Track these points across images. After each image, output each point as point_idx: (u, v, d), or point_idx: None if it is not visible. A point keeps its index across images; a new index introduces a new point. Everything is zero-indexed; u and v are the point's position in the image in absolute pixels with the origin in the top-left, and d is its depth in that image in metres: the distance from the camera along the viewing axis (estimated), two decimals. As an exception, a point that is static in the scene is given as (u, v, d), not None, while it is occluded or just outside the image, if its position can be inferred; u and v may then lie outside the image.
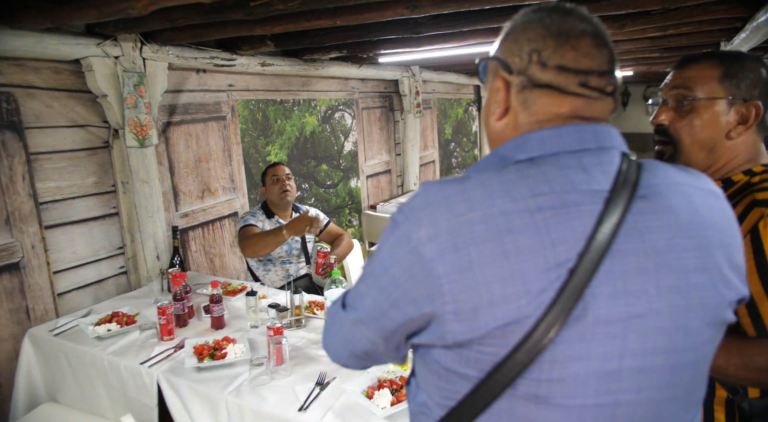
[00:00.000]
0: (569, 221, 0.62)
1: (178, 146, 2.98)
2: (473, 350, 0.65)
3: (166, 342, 2.01)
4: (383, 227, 3.17)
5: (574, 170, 0.65)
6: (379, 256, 0.71)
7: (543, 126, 0.70)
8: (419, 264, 0.65)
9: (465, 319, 0.63)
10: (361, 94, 4.70)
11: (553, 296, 0.60)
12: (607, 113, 0.72)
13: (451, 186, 0.67)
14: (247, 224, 2.71)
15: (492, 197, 0.64)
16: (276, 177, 2.74)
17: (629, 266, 0.63)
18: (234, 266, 3.36)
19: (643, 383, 0.64)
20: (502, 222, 0.62)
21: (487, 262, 0.62)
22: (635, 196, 0.65)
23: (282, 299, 2.38)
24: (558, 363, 0.62)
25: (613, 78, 0.70)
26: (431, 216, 0.65)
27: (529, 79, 0.71)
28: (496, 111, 0.74)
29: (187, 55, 2.76)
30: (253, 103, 3.49)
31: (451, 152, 6.73)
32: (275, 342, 1.77)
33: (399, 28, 2.62)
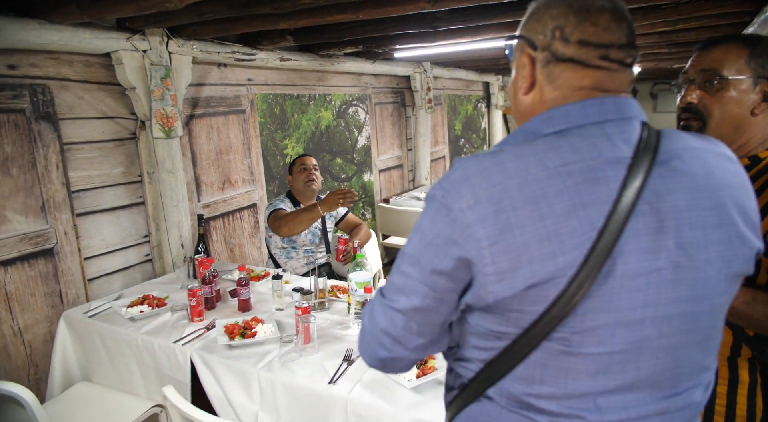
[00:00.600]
0: (597, 187, 0.69)
1: (201, 138, 3.07)
2: (512, 309, 0.71)
3: (197, 322, 2.10)
4: (397, 220, 3.27)
5: (599, 140, 0.72)
6: (420, 232, 0.76)
7: (567, 100, 0.77)
8: (460, 230, 0.71)
9: (505, 278, 0.69)
10: (374, 89, 4.78)
11: (585, 254, 0.67)
12: (626, 84, 0.77)
13: (487, 159, 0.73)
14: (277, 208, 2.78)
15: (526, 167, 0.70)
16: (303, 166, 2.83)
17: (651, 225, 0.69)
18: (252, 257, 3.45)
19: (663, 330, 0.71)
20: (536, 189, 0.69)
21: (524, 225, 0.68)
22: (655, 161, 0.71)
23: (305, 285, 2.47)
24: (589, 315, 0.69)
25: (632, 50, 0.76)
26: (471, 187, 0.71)
27: (552, 55, 0.77)
28: (522, 86, 0.81)
29: (210, 49, 2.85)
30: (271, 98, 3.57)
31: (460, 147, 6.80)
32: (304, 320, 1.85)
33: (416, 23, 2.69)
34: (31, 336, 2.32)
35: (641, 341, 0.71)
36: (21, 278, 2.27)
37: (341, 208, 3.05)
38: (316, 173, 2.85)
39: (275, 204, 2.81)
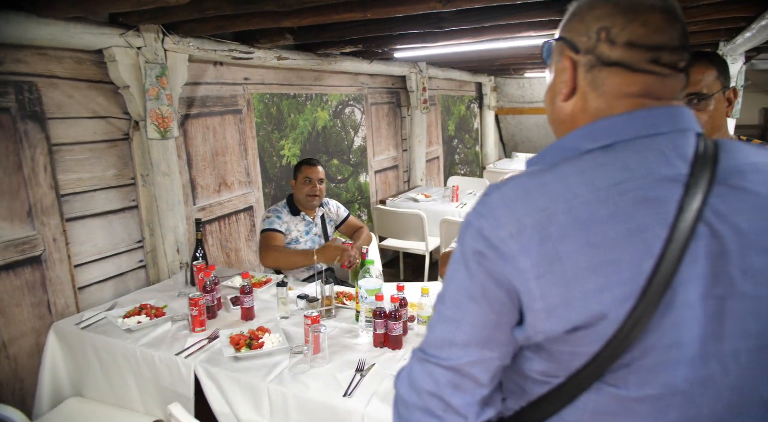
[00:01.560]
0: (652, 208, 0.61)
1: (196, 138, 2.96)
2: (564, 349, 0.64)
3: (199, 333, 2.00)
4: (394, 222, 3.20)
5: (650, 156, 0.64)
6: (458, 270, 0.68)
7: (613, 109, 0.69)
8: (503, 262, 0.63)
9: (556, 315, 0.62)
10: (370, 89, 4.70)
11: (642, 285, 0.60)
12: (677, 90, 0.70)
13: (527, 181, 0.66)
14: (271, 228, 2.70)
15: (572, 189, 0.63)
16: (308, 179, 2.73)
17: (713, 250, 0.62)
18: (249, 261, 3.35)
19: (729, 366, 0.63)
20: (585, 213, 0.62)
21: (575, 254, 0.61)
22: (715, 178, 0.64)
23: (309, 291, 2.38)
24: (648, 353, 0.62)
25: (684, 53, 0.69)
26: (512, 213, 0.64)
27: (597, 58, 0.69)
28: (562, 91, 0.74)
29: (206, 47, 2.74)
30: (268, 97, 3.47)
31: (454, 148, 6.75)
32: (314, 330, 1.77)
33: (422, 23, 2.62)
34: (16, 349, 2.19)
35: (704, 380, 0.63)
36: (5, 289, 2.14)
37: (341, 211, 2.98)
38: (320, 187, 2.76)
39: (271, 221, 2.71)
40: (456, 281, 0.68)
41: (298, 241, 2.78)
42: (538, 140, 8.00)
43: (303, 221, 2.80)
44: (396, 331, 1.84)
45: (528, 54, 4.39)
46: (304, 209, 2.81)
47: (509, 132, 8.14)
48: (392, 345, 1.86)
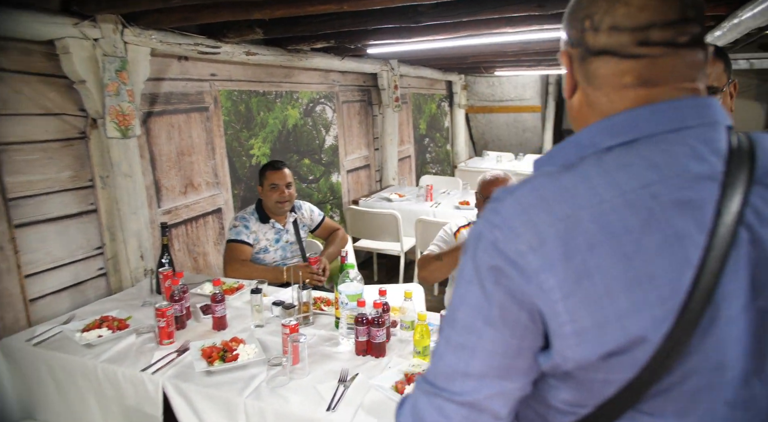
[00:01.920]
0: (689, 212, 0.54)
1: (160, 137, 2.79)
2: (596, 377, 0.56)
3: (167, 346, 1.86)
4: (367, 222, 3.09)
5: (680, 153, 0.57)
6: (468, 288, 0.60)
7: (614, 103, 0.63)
8: (523, 279, 0.55)
9: (588, 339, 0.54)
10: (341, 87, 4.59)
11: (682, 300, 0.53)
12: (684, 69, 0.61)
13: (544, 184, 0.58)
14: (238, 239, 2.57)
15: (597, 192, 0.55)
16: (274, 185, 2.60)
17: (754, 256, 0.55)
18: (218, 266, 3.19)
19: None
20: (615, 219, 0.54)
21: (606, 268, 0.53)
22: (754, 177, 0.57)
23: (284, 296, 2.26)
24: (688, 377, 0.55)
25: (688, 25, 0.60)
26: (529, 222, 0.56)
27: (585, 49, 0.64)
28: (566, 88, 0.69)
29: (170, 40, 2.58)
30: (236, 95, 3.32)
31: (425, 147, 6.70)
32: (293, 340, 1.66)
33: (398, 17, 2.53)
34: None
35: (747, 402, 0.57)
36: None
37: (316, 215, 2.87)
38: (289, 191, 2.63)
39: (238, 231, 2.57)
40: (468, 302, 0.59)
41: (267, 250, 2.65)
42: (507, 138, 8.04)
43: (272, 229, 2.67)
44: (379, 338, 1.75)
45: (500, 51, 4.36)
46: (274, 216, 2.68)
47: (479, 131, 8.16)
48: (375, 352, 1.77)
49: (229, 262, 2.53)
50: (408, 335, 1.89)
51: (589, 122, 0.65)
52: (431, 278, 2.30)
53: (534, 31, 2.90)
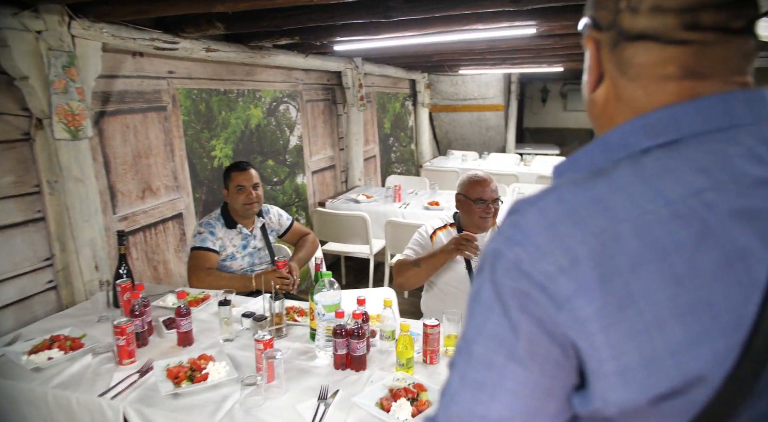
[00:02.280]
0: (750, 224, 0.46)
1: (114, 139, 2.60)
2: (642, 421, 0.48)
3: (127, 366, 1.71)
4: (335, 225, 2.98)
5: (733, 154, 0.49)
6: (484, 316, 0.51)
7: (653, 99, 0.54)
8: (554, 307, 0.47)
9: (636, 380, 0.46)
10: (305, 85, 4.46)
11: (748, 330, 0.45)
12: (739, 59, 0.54)
13: (573, 193, 0.50)
14: (203, 246, 2.42)
15: (637, 202, 0.48)
16: (241, 187, 2.46)
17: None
18: (180, 274, 3.02)
19: None
20: (662, 234, 0.46)
21: (654, 293, 0.45)
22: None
23: (254, 307, 2.13)
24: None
25: (744, 7, 0.52)
26: (557, 238, 0.48)
27: (619, 33, 0.55)
28: (589, 79, 0.60)
29: (123, 34, 2.40)
30: (196, 93, 3.15)
31: (390, 146, 6.63)
32: (268, 356, 1.54)
33: (369, 12, 2.44)
34: None
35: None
36: None
37: (284, 219, 2.75)
38: (257, 192, 2.50)
39: (203, 238, 2.43)
40: (487, 333, 0.50)
41: (234, 257, 2.51)
42: (471, 137, 8.08)
43: (239, 235, 2.53)
44: (360, 351, 1.66)
45: (467, 49, 4.33)
46: (241, 220, 2.54)
47: (443, 130, 8.15)
48: (355, 366, 1.67)
49: (194, 271, 2.39)
50: (388, 345, 1.80)
51: (616, 119, 0.57)
52: (408, 285, 2.22)
53: (504, 28, 2.86)
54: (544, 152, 8.32)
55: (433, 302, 2.31)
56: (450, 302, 2.19)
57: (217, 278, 2.37)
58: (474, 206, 2.19)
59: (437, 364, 1.71)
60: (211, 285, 2.35)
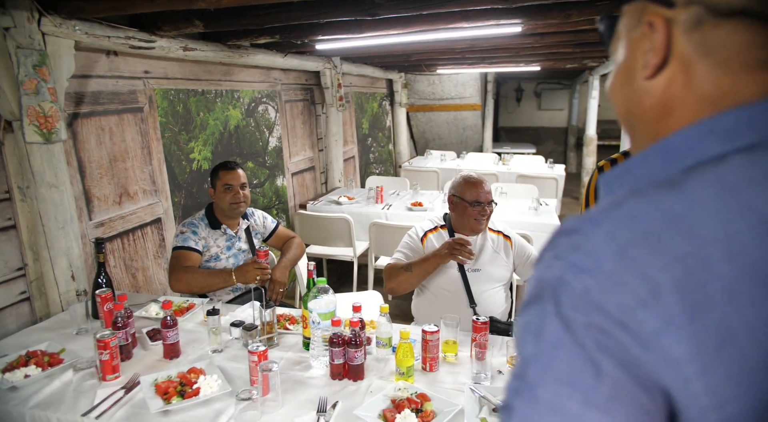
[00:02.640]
0: None
1: (89, 142, 2.48)
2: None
3: (111, 382, 1.62)
4: (317, 227, 2.91)
5: None
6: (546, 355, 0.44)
7: (741, 88, 0.47)
8: (638, 346, 0.41)
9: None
10: (284, 86, 4.37)
11: None
12: None
13: (642, 211, 0.43)
14: (185, 245, 2.33)
15: (725, 219, 0.41)
16: (228, 186, 2.38)
17: None
18: (160, 281, 2.91)
19: None
20: (761, 256, 0.40)
21: (760, 327, 0.39)
22: None
23: (243, 316, 2.06)
24: None
25: None
26: (633, 265, 0.41)
27: (708, 9, 0.47)
28: (649, 63, 0.51)
29: (97, 32, 2.29)
30: (173, 94, 3.04)
31: (368, 147, 6.59)
32: (263, 369, 1.48)
33: (354, 10, 2.39)
34: None
35: None
36: None
37: (269, 222, 2.68)
38: (244, 192, 2.42)
39: (185, 237, 2.34)
40: (557, 375, 0.43)
41: (219, 258, 2.43)
42: (448, 137, 8.09)
43: (224, 236, 2.45)
44: (357, 360, 1.61)
45: (447, 48, 4.32)
46: (226, 221, 2.46)
47: (420, 129, 8.14)
48: (353, 375, 1.62)
49: (173, 271, 2.29)
50: (385, 353, 1.76)
51: (674, 112, 0.49)
52: (399, 290, 2.17)
53: (490, 26, 2.84)
54: (520, 151, 8.39)
55: (425, 306, 2.26)
56: (442, 305, 2.15)
57: (194, 274, 2.27)
58: (470, 209, 2.14)
59: (437, 371, 1.67)
60: (189, 283, 2.26)
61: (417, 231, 2.31)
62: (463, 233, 2.20)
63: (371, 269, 3.94)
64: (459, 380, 1.62)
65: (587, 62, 6.06)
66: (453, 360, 1.74)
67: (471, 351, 1.69)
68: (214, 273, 2.30)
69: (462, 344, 1.79)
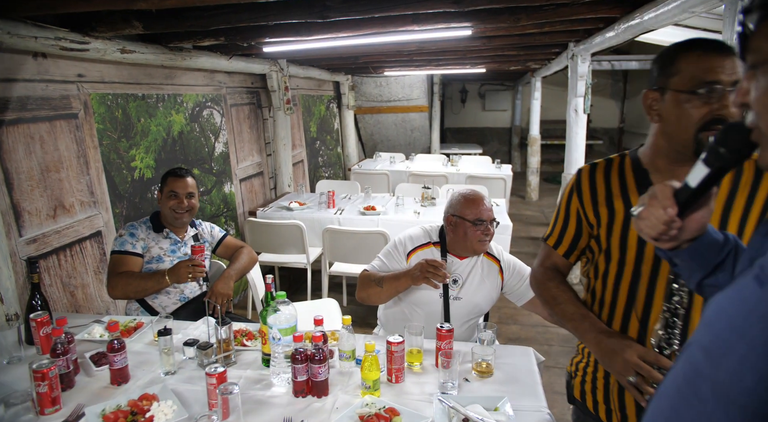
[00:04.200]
0: None
1: (16, 152, 2.29)
2: None
3: (51, 415, 1.48)
4: (269, 235, 2.84)
5: None
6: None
7: None
8: None
9: None
10: (229, 89, 4.23)
11: None
12: None
13: None
14: (122, 249, 2.23)
15: None
16: (173, 193, 2.27)
17: None
18: (102, 298, 2.72)
19: None
20: None
21: None
22: None
23: (196, 333, 1.95)
24: None
25: None
26: None
27: None
28: None
29: (23, 32, 2.11)
30: (111, 99, 2.86)
31: (317, 150, 6.49)
32: (223, 392, 1.40)
33: (304, 12, 2.32)
34: None
35: None
36: None
37: (216, 231, 2.58)
38: (190, 201, 2.32)
39: (123, 241, 2.25)
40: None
41: (162, 259, 2.31)
42: (396, 138, 8.11)
43: (167, 239, 2.34)
44: (321, 375, 1.55)
45: (395, 51, 4.31)
46: (171, 228, 2.35)
47: (368, 132, 8.13)
48: (317, 392, 1.56)
49: (109, 277, 2.20)
50: (348, 366, 1.71)
51: None
52: (369, 302, 2.07)
53: (441, 30, 2.85)
54: (467, 151, 8.54)
55: (394, 318, 2.15)
56: (412, 320, 2.05)
57: (129, 279, 2.19)
58: (472, 229, 1.96)
59: (403, 383, 1.64)
60: (125, 289, 2.18)
61: (405, 244, 2.10)
62: (458, 254, 2.05)
63: (325, 276, 3.87)
64: (426, 390, 1.60)
65: (530, 64, 6.24)
66: (418, 369, 1.71)
67: (437, 359, 1.67)
68: (147, 276, 2.22)
69: (427, 352, 1.77)
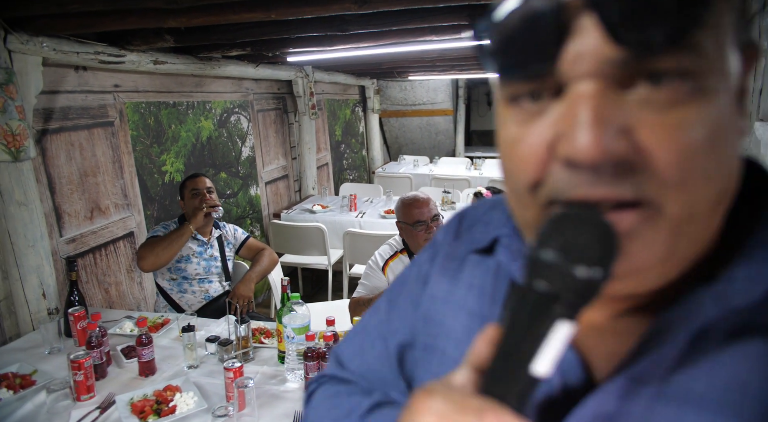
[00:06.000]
0: None
1: (59, 158, 2.47)
2: None
3: (86, 402, 1.63)
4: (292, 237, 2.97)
5: None
6: None
7: None
8: None
9: None
10: (256, 95, 4.38)
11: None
12: None
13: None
14: (154, 234, 2.41)
15: None
16: (195, 190, 2.42)
17: None
18: (134, 295, 2.90)
19: None
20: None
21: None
22: None
23: (218, 330, 2.08)
24: None
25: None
26: None
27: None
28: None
29: (66, 48, 2.28)
30: (144, 107, 3.03)
31: (342, 153, 6.62)
32: (239, 385, 1.51)
33: (325, 25, 2.44)
34: None
35: None
36: None
37: (239, 233, 2.71)
38: (211, 195, 2.46)
39: (155, 231, 2.43)
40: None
41: (190, 260, 2.47)
42: (421, 141, 8.18)
43: (195, 241, 2.50)
44: (332, 371, 1.65)
45: (418, 57, 4.40)
46: (198, 230, 2.50)
47: (393, 135, 8.22)
48: (328, 387, 1.66)
49: (141, 250, 2.34)
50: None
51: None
52: None
53: (457, 40, 2.92)
54: (492, 154, 8.54)
55: None
56: None
57: (152, 243, 2.32)
58: (414, 231, 2.10)
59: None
60: (152, 253, 2.29)
61: (377, 261, 2.23)
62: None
63: (346, 278, 3.98)
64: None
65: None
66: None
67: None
68: (171, 234, 2.34)
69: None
